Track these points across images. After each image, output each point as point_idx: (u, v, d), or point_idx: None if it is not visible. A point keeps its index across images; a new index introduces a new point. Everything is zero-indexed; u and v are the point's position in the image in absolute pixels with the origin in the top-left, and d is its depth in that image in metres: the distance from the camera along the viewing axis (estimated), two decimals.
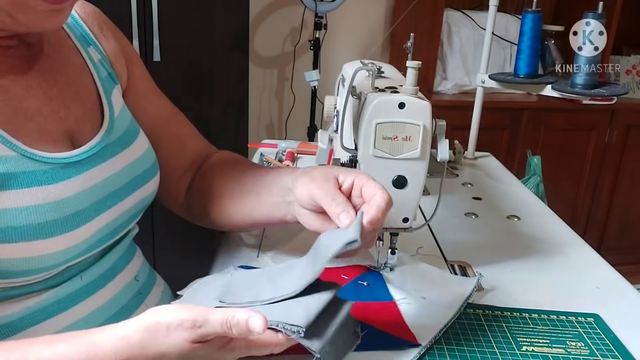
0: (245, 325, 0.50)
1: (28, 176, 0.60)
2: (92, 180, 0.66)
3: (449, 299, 0.75)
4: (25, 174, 0.60)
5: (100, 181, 0.67)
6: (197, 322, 0.50)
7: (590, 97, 1.14)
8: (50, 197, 0.61)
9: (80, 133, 0.69)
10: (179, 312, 0.51)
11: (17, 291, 0.62)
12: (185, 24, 1.90)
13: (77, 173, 0.65)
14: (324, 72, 2.38)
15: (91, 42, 0.77)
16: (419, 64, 0.73)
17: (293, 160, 1.34)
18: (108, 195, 0.68)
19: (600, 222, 2.64)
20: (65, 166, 0.64)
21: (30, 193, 0.59)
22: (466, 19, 2.40)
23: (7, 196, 0.58)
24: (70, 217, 0.62)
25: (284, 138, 2.51)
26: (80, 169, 0.65)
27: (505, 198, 1.18)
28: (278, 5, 2.47)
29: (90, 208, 0.65)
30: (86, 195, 0.65)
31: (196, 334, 0.50)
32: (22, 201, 0.59)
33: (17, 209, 0.58)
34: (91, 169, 0.67)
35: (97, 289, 0.69)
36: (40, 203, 0.60)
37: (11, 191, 0.58)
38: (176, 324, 0.50)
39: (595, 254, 0.94)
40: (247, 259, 0.84)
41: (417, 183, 0.75)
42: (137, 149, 0.75)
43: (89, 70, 0.74)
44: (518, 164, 2.31)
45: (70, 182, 0.63)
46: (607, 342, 0.69)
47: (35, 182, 0.60)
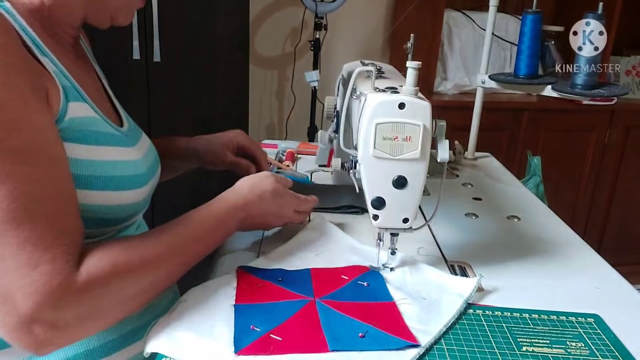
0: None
1: (111, 137, 0.73)
2: (142, 151, 0.81)
3: (449, 299, 0.75)
4: (108, 135, 0.73)
5: (145, 153, 0.82)
6: (279, 178, 0.87)
7: (590, 97, 1.14)
8: (129, 156, 0.75)
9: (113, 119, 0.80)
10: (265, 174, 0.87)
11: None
12: (186, 25, 1.91)
13: (134, 143, 0.80)
14: (324, 72, 2.38)
15: (91, 55, 0.88)
16: (419, 64, 0.73)
17: (293, 160, 1.34)
18: (149, 166, 0.82)
19: (600, 223, 2.64)
20: (126, 136, 0.78)
21: (115, 151, 0.73)
22: (466, 19, 2.40)
23: (99, 150, 0.70)
24: (140, 175, 0.77)
25: (284, 138, 2.51)
26: (134, 141, 0.80)
27: (505, 198, 1.18)
28: (278, 6, 2.47)
29: (147, 172, 0.80)
30: (145, 159, 0.81)
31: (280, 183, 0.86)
32: (110, 155, 0.72)
33: (106, 161, 0.71)
34: (137, 143, 0.81)
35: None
36: (123, 160, 0.74)
37: (102, 147, 0.71)
38: (263, 175, 0.86)
39: (595, 254, 0.94)
40: (247, 259, 0.84)
41: (417, 183, 0.75)
42: (146, 139, 0.88)
43: (98, 76, 0.86)
44: (518, 165, 2.31)
45: (134, 148, 0.79)
46: (607, 342, 0.69)
47: (117, 143, 0.74)
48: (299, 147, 1.42)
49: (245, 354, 0.62)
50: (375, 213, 0.77)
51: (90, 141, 0.69)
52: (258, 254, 0.87)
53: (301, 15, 2.41)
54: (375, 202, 0.76)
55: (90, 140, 0.69)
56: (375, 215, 0.77)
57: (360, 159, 0.75)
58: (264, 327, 0.66)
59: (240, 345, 0.64)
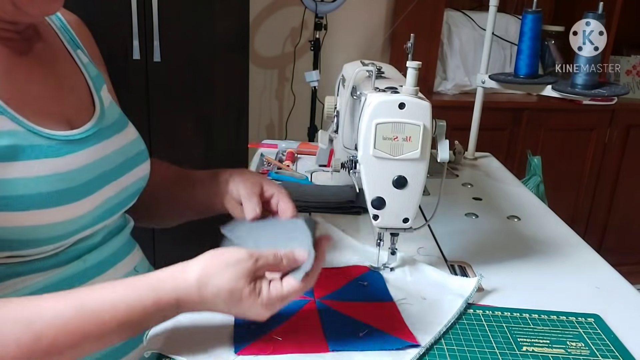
0: (292, 254, 0.62)
1: (35, 149, 0.64)
2: (93, 156, 0.71)
3: (449, 299, 0.75)
4: (33, 147, 0.63)
5: (100, 157, 0.72)
6: (253, 255, 0.60)
7: (590, 97, 1.14)
8: (58, 169, 0.65)
9: (76, 117, 0.73)
10: (236, 250, 0.60)
11: (24, 268, 0.64)
12: (186, 24, 1.90)
13: (80, 149, 0.69)
14: (324, 72, 2.38)
15: (79, 47, 0.82)
16: (419, 64, 0.73)
17: (293, 160, 1.34)
18: (108, 171, 0.73)
19: (601, 223, 2.64)
20: (68, 142, 0.68)
21: (39, 164, 0.63)
22: (466, 19, 2.40)
23: (17, 167, 0.61)
24: (76, 187, 0.67)
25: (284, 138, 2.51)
26: (82, 146, 0.70)
27: (505, 198, 1.18)
28: (278, 6, 2.47)
29: (93, 181, 0.70)
30: (89, 169, 0.70)
31: (253, 265, 0.59)
32: (32, 171, 0.62)
33: (27, 178, 0.62)
34: (91, 146, 0.72)
35: (98, 273, 0.73)
36: (49, 173, 0.64)
37: (21, 162, 0.62)
38: (235, 259, 0.59)
39: (595, 254, 0.94)
40: None
41: (418, 183, 0.75)
42: (129, 134, 0.81)
43: (80, 69, 0.79)
44: (518, 165, 2.31)
45: (74, 156, 0.68)
46: (607, 342, 0.69)
47: (42, 155, 0.64)
48: (299, 147, 1.42)
49: (245, 354, 0.63)
50: (376, 213, 0.77)
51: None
52: None
53: (301, 15, 2.40)
54: (375, 202, 0.76)
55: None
56: (375, 215, 0.77)
57: (360, 159, 0.75)
58: (264, 328, 0.66)
59: (240, 345, 0.64)
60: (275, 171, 1.24)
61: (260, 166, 1.29)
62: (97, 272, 0.73)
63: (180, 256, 0.62)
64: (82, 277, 0.71)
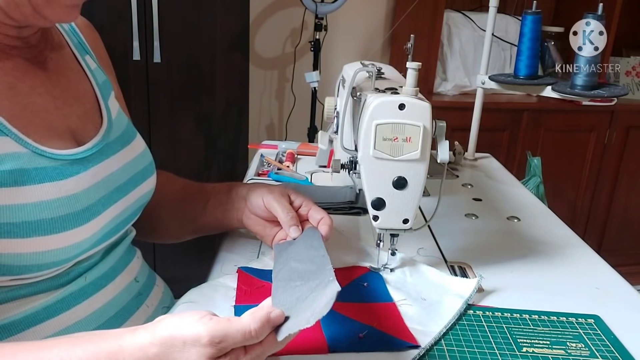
0: (266, 321, 0.52)
1: (39, 172, 0.62)
2: (98, 176, 0.69)
3: (449, 300, 0.75)
4: (37, 170, 0.61)
5: (105, 176, 0.70)
6: (215, 338, 0.49)
7: (590, 98, 1.14)
8: (61, 192, 0.63)
9: (82, 131, 0.71)
10: (195, 327, 0.50)
11: (26, 290, 0.63)
12: (186, 25, 1.91)
13: (85, 169, 0.67)
14: (324, 73, 2.38)
15: (87, 52, 0.80)
16: (419, 65, 0.73)
17: (293, 161, 1.34)
18: (113, 190, 0.71)
19: (600, 223, 2.64)
20: (73, 162, 0.66)
21: (43, 189, 0.61)
22: (466, 20, 2.41)
23: (21, 192, 0.59)
24: (80, 212, 0.64)
25: (284, 139, 2.51)
26: (87, 165, 0.68)
27: (505, 199, 1.18)
28: (278, 7, 2.47)
29: (98, 203, 0.68)
30: (94, 190, 0.68)
31: (215, 349, 0.49)
32: (35, 196, 0.60)
33: (30, 204, 0.60)
34: (96, 165, 0.69)
35: (98, 289, 0.71)
36: (53, 198, 0.62)
37: (25, 187, 0.60)
38: (192, 339, 0.49)
39: (595, 255, 0.94)
40: (247, 260, 0.84)
41: (417, 184, 0.75)
42: (135, 148, 0.78)
43: (87, 76, 0.77)
44: (518, 165, 2.31)
45: (79, 177, 0.66)
46: (607, 343, 0.69)
47: (46, 178, 0.62)
48: (299, 148, 1.42)
49: None
50: (375, 214, 0.77)
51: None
52: (258, 255, 0.87)
53: (301, 15, 2.41)
54: (375, 203, 0.76)
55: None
56: (375, 216, 0.77)
57: (360, 159, 0.75)
58: None
59: None
60: (275, 172, 1.24)
61: (260, 167, 1.29)
62: (97, 288, 0.70)
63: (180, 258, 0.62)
64: (84, 294, 0.69)
